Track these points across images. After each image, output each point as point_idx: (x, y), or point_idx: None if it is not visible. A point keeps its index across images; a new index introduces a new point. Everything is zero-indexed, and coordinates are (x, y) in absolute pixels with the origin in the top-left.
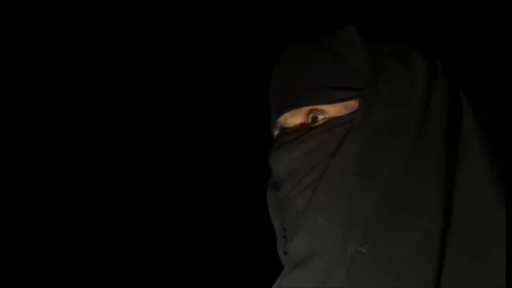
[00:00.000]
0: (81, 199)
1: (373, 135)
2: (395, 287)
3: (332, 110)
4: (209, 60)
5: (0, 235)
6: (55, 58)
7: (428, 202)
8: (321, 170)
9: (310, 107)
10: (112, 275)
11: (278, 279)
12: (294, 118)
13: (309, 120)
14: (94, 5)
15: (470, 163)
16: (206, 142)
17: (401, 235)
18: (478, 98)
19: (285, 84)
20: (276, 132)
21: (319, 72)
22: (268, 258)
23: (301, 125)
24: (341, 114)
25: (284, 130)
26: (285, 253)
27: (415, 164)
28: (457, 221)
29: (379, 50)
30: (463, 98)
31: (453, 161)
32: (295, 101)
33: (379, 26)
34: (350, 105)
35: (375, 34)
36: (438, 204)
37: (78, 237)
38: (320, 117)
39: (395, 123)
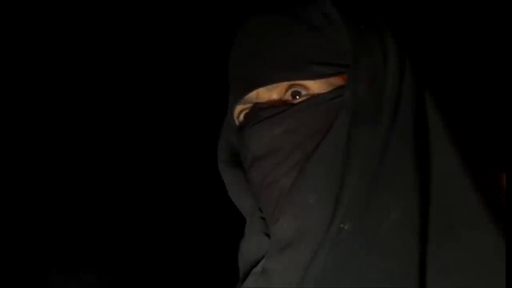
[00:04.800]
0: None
1: (358, 114)
2: (377, 266)
3: (314, 86)
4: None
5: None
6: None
7: (405, 180)
8: (307, 149)
9: (291, 82)
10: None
11: (261, 263)
12: (269, 93)
13: (288, 95)
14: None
15: (439, 144)
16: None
17: (382, 212)
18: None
19: (255, 57)
20: (239, 108)
21: (298, 45)
22: None
23: (279, 100)
24: (324, 91)
25: (259, 105)
26: (266, 235)
27: (392, 141)
28: (433, 201)
29: (356, 27)
30: (431, 77)
31: (424, 143)
32: (272, 75)
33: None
34: (332, 82)
35: (349, 8)
36: (414, 182)
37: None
38: (303, 92)
39: (376, 101)
